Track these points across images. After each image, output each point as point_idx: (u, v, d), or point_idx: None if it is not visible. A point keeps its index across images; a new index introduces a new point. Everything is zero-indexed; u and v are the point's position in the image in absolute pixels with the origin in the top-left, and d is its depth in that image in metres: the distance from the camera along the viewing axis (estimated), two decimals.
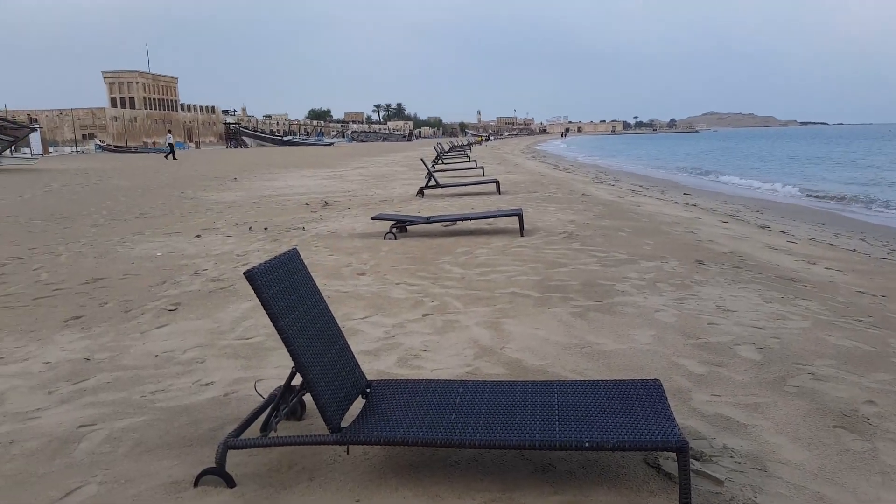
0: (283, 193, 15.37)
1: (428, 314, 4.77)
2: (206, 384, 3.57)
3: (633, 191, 17.09)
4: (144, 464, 2.73)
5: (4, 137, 30.10)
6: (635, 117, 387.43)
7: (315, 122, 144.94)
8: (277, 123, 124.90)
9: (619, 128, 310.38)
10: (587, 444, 2.33)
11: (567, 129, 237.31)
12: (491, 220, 9.16)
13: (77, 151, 61.49)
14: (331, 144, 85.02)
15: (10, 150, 30.71)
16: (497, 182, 14.24)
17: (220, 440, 2.65)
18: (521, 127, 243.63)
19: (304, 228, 9.29)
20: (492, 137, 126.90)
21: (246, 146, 76.95)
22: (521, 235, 8.01)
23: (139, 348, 4.20)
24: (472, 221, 8.94)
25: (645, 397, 2.68)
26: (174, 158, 39.05)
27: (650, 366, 3.63)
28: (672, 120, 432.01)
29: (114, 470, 2.68)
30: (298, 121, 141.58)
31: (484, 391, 2.87)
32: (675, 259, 6.50)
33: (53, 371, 3.82)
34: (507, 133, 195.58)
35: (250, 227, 9.51)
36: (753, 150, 59.50)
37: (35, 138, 41.10)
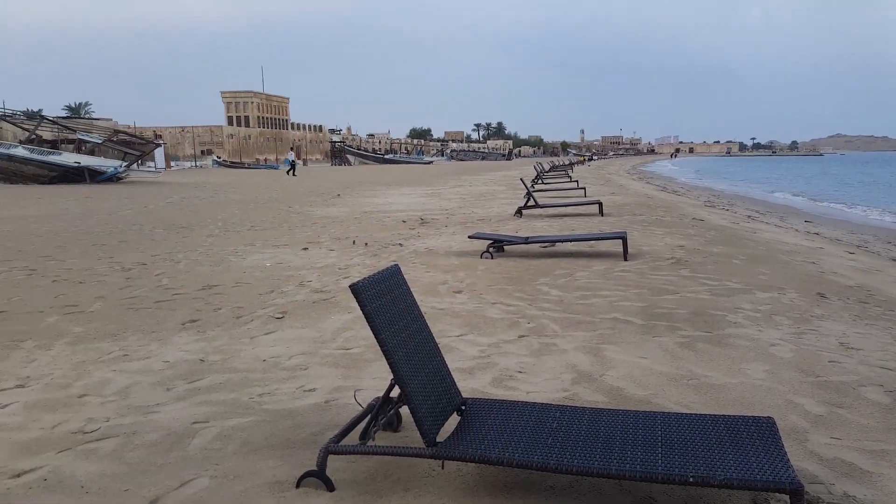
0: (382, 210, 15.82)
1: (524, 335, 4.74)
2: (309, 390, 3.71)
3: (748, 216, 16.22)
4: (251, 462, 2.87)
5: (132, 152, 33.02)
6: (752, 138, 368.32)
7: (415, 141, 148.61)
8: (380, 142, 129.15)
9: (735, 149, 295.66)
10: (692, 479, 2.23)
11: (677, 150, 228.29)
12: (593, 242, 8.98)
13: (196, 166, 66.18)
14: (430, 163, 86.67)
15: (137, 164, 33.58)
16: (600, 203, 13.93)
17: (321, 445, 2.75)
18: (627, 147, 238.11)
19: (401, 245, 9.50)
20: (595, 157, 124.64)
21: (349, 164, 79.90)
22: (625, 260, 7.80)
23: (248, 352, 4.43)
24: (573, 243, 8.80)
25: (756, 435, 2.53)
26: (294, 174, 40.65)
27: (763, 402, 3.43)
28: (794, 142, 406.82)
29: (223, 466, 2.84)
30: (400, 139, 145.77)
31: (583, 417, 2.81)
32: (794, 291, 6.12)
33: (172, 370, 4.11)
34: (611, 153, 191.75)
35: (353, 241, 9.84)
36: (886, 177, 54.90)
37: (159, 153, 44.72)
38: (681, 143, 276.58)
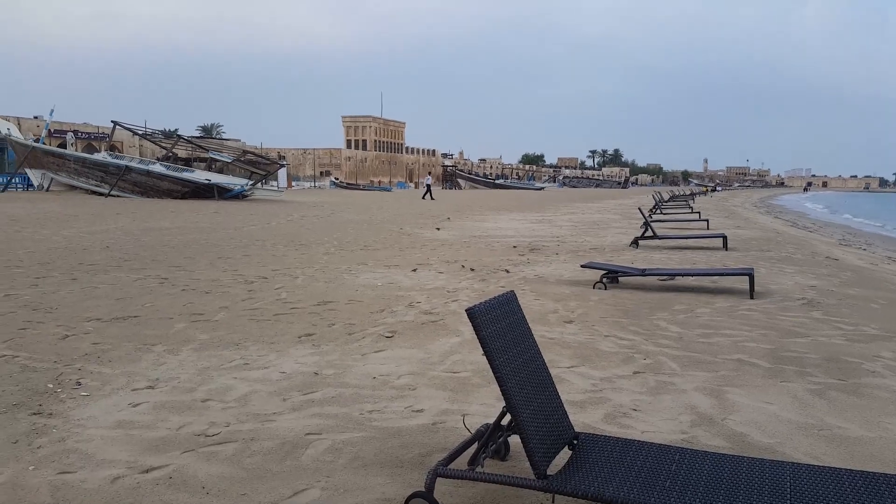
0: (491, 235, 15.87)
1: (639, 372, 4.53)
2: (417, 411, 3.73)
3: (889, 257, 14.82)
4: (361, 477, 2.90)
5: (258, 171, 35.40)
6: (895, 173, 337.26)
7: (527, 167, 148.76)
8: (491, 167, 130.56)
9: (875, 184, 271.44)
10: None
11: (810, 183, 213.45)
12: (716, 277, 8.49)
13: (315, 186, 69.80)
14: (541, 189, 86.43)
15: (262, 183, 35.89)
16: (724, 237, 13.16)
17: (429, 467, 2.73)
18: (754, 178, 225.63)
19: (507, 271, 9.45)
20: (719, 188, 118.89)
21: (460, 187, 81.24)
22: (751, 298, 7.30)
23: (360, 369, 4.53)
24: (694, 278, 8.38)
25: None
26: (432, 199, 39.73)
27: None
28: None
29: (334, 478, 2.89)
30: (511, 164, 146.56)
31: (704, 462, 2.63)
32: None
33: (288, 380, 4.27)
34: (736, 184, 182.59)
35: (462, 266, 9.91)
36: None
37: (282, 173, 47.67)
38: (813, 176, 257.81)
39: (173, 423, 3.53)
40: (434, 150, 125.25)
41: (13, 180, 36.50)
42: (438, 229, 17.07)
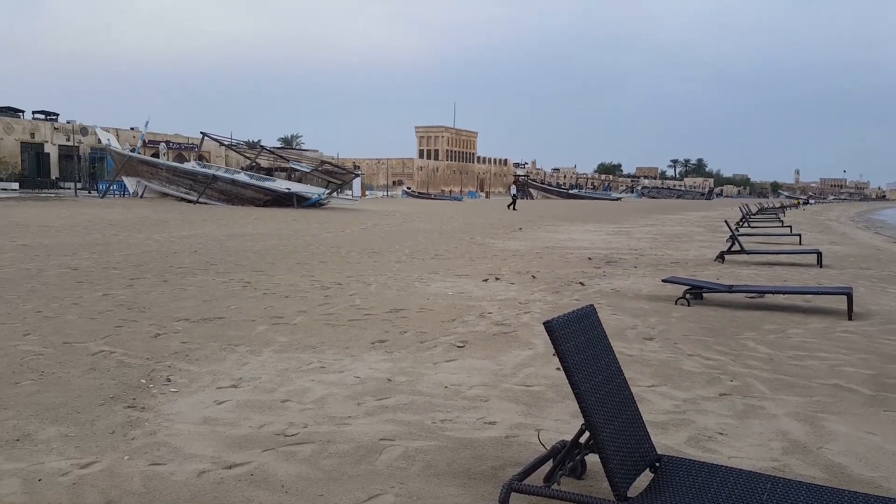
0: (565, 246, 15.62)
1: (726, 394, 4.30)
2: (489, 423, 3.68)
3: None
4: (434, 486, 2.89)
5: (335, 181, 36.38)
6: None
7: (603, 176, 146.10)
8: (565, 176, 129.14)
9: None
10: None
11: None
12: (809, 296, 8.00)
13: (387, 195, 71.06)
14: (618, 199, 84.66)
15: (337, 192, 36.85)
16: (818, 253, 12.30)
17: (503, 480, 2.68)
18: (852, 191, 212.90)
19: (582, 283, 9.25)
20: (812, 201, 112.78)
21: (532, 197, 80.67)
22: (849, 319, 6.82)
23: (431, 377, 4.53)
24: (785, 296, 7.93)
25: None
26: (514, 209, 37.86)
27: None
28: None
29: (408, 486, 2.89)
30: (586, 174, 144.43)
31: (799, 493, 2.46)
32: None
33: (362, 385, 4.32)
34: (831, 197, 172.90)
35: (533, 276, 9.79)
36: None
37: (356, 183, 48.76)
38: None
39: (255, 421, 3.64)
40: (506, 160, 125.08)
41: (111, 187, 39.05)
42: (521, 229, 16.90)
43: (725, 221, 17.09)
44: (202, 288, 8.03)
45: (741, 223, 24.12)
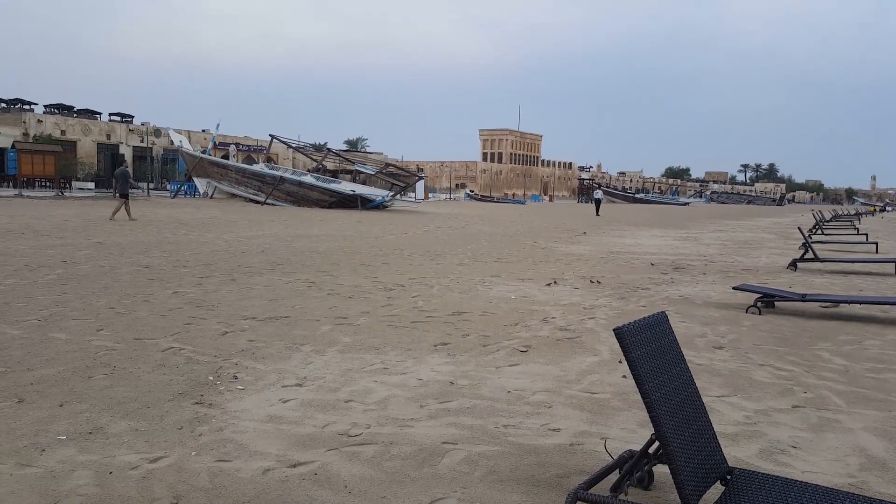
0: (631, 251, 15.29)
1: (799, 406, 4.13)
2: (553, 430, 3.64)
3: None
4: (497, 492, 2.88)
5: (399, 183, 36.82)
6: None
7: (670, 181, 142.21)
8: (631, 180, 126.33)
9: None
10: None
11: None
12: (887, 307, 7.60)
13: (450, 198, 71.33)
14: (685, 204, 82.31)
15: (401, 194, 37.25)
16: None
17: (568, 489, 2.66)
18: None
19: (649, 289, 9.03)
20: (889, 208, 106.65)
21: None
22: None
23: (494, 382, 4.52)
24: (862, 306, 7.54)
25: None
26: (598, 214, 36.09)
27: None
28: None
29: (471, 490, 2.89)
30: (653, 178, 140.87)
31: None
32: None
33: (425, 388, 4.35)
34: None
35: (597, 281, 9.63)
36: None
37: (420, 185, 49.13)
38: None
39: (319, 420, 3.72)
40: (570, 163, 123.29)
41: (182, 187, 40.75)
42: (585, 233, 16.71)
43: (798, 228, 16.33)
44: (269, 287, 8.28)
45: (814, 230, 23.04)
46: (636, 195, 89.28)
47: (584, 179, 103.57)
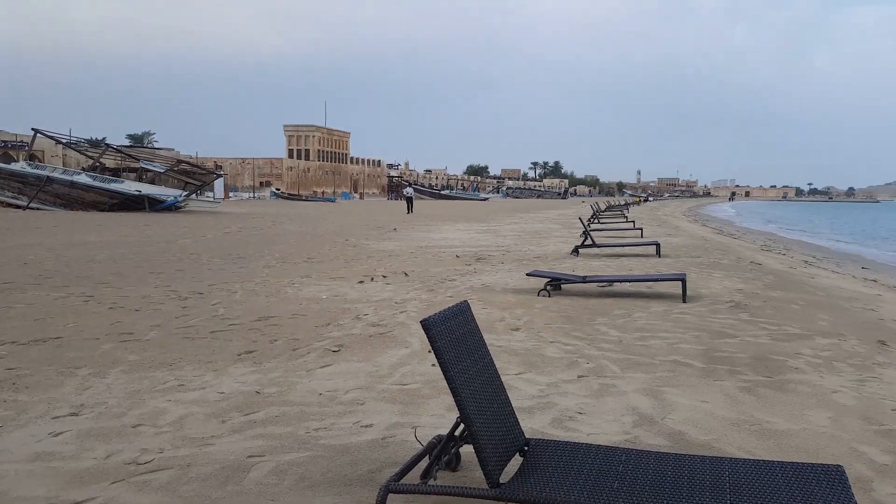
0: (438, 245, 15.88)
1: (583, 376, 4.61)
2: (366, 426, 3.65)
3: (805, 261, 15.75)
4: (307, 499, 2.81)
5: (193, 182, 34.22)
6: (809, 184, 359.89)
7: (472, 178, 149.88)
8: (437, 178, 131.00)
9: (791, 194, 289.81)
10: None
11: (734, 193, 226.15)
12: (651, 283, 8.78)
13: (254, 197, 68.25)
14: (486, 199, 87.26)
15: (197, 194, 34.74)
16: (657, 244, 13.67)
17: (379, 483, 2.68)
18: (683, 189, 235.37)
19: (455, 280, 9.46)
20: (651, 198, 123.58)
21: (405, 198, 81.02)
22: (684, 302, 7.57)
23: (305, 386, 4.41)
24: (631, 284, 8.63)
25: (826, 484, 2.46)
26: (410, 212, 35.53)
27: (826, 450, 3.34)
28: (850, 188, 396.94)
29: (279, 501, 2.78)
30: (457, 175, 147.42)
31: (649, 462, 2.72)
32: (855, 337, 5.93)
33: (227, 401, 4.09)
34: (667, 195, 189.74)
35: (406, 274, 9.86)
36: None
37: (219, 184, 46.19)
38: (737, 186, 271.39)
39: (100, 451, 3.30)
40: (379, 161, 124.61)
41: None
42: (395, 229, 16.95)
43: (579, 218, 18.28)
44: (34, 305, 7.22)
45: (592, 220, 25.95)
46: (442, 192, 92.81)
47: (392, 177, 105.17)
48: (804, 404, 4.01)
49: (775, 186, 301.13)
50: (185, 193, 32.70)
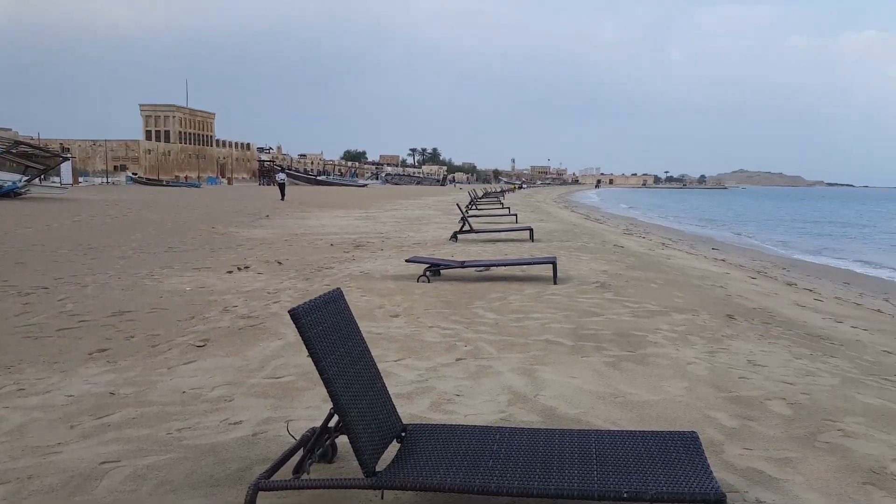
0: (315, 233, 15.47)
1: (461, 359, 4.66)
2: (235, 423, 3.46)
3: (662, 244, 17.03)
4: (170, 503, 2.61)
5: (35, 166, 30.71)
6: (666, 172, 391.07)
7: (350, 163, 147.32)
8: (312, 163, 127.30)
9: (650, 181, 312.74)
10: (626, 495, 2.30)
11: (599, 181, 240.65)
12: (525, 267, 9.08)
13: (107, 182, 62.87)
14: (364, 186, 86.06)
15: (40, 179, 31.33)
16: (531, 230, 14.25)
17: (249, 481, 2.54)
18: (554, 176, 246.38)
19: (332, 268, 9.26)
20: (524, 186, 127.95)
21: (278, 184, 78.13)
22: (555, 283, 7.91)
23: (166, 384, 4.11)
24: (506, 268, 8.88)
25: (682, 449, 2.66)
26: (283, 199, 33.91)
27: (683, 418, 3.60)
28: (702, 176, 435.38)
29: None
30: (333, 161, 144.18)
31: (521, 438, 2.80)
32: (706, 313, 6.45)
33: (76, 404, 3.73)
34: (539, 182, 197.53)
35: (278, 262, 9.51)
36: (780, 209, 59.65)
37: (66, 168, 41.83)
38: (602, 174, 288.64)
39: None
40: (248, 144, 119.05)
41: None
42: (268, 216, 16.25)
43: (457, 205, 18.58)
44: None
45: (470, 206, 26.53)
46: (318, 178, 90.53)
47: (264, 161, 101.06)
48: (662, 375, 4.30)
49: (636, 174, 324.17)
50: (25, 178, 29.40)
